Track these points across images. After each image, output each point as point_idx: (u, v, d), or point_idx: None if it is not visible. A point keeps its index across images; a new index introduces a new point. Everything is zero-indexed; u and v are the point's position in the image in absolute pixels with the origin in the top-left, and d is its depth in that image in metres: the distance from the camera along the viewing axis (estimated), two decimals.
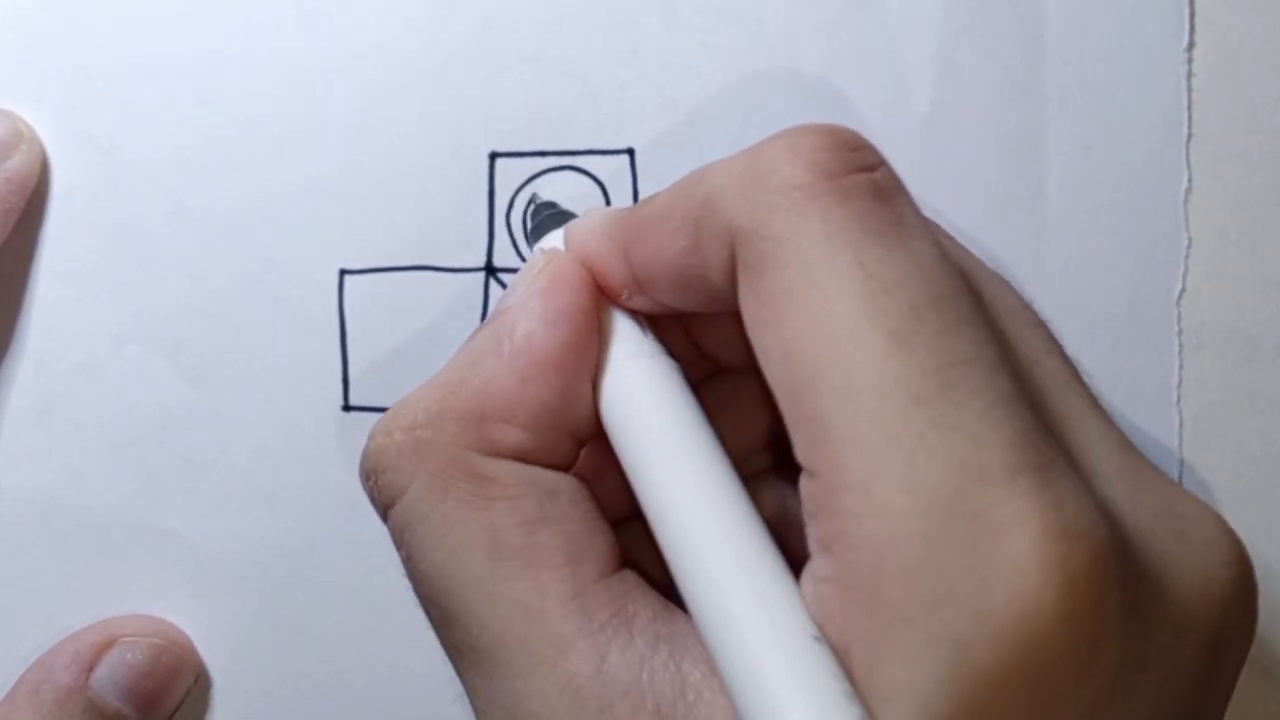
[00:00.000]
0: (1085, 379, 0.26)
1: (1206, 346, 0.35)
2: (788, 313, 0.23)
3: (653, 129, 0.35)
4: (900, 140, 0.35)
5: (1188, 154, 0.35)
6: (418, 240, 0.35)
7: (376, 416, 0.34)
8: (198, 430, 0.35)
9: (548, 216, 0.32)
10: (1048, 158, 0.35)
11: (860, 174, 0.24)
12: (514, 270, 0.35)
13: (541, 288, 0.27)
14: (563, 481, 0.27)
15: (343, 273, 0.35)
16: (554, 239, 0.30)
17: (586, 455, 0.28)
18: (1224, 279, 0.35)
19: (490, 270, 0.35)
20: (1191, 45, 0.35)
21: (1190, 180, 0.35)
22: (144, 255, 0.34)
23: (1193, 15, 0.35)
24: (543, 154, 0.35)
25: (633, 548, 0.27)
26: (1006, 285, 0.27)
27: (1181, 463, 0.35)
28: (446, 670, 0.35)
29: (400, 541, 0.27)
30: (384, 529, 0.35)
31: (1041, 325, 0.26)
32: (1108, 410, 0.26)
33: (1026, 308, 0.26)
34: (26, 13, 0.34)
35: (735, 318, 0.25)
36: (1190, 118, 0.35)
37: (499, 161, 0.35)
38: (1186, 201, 0.35)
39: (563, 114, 0.35)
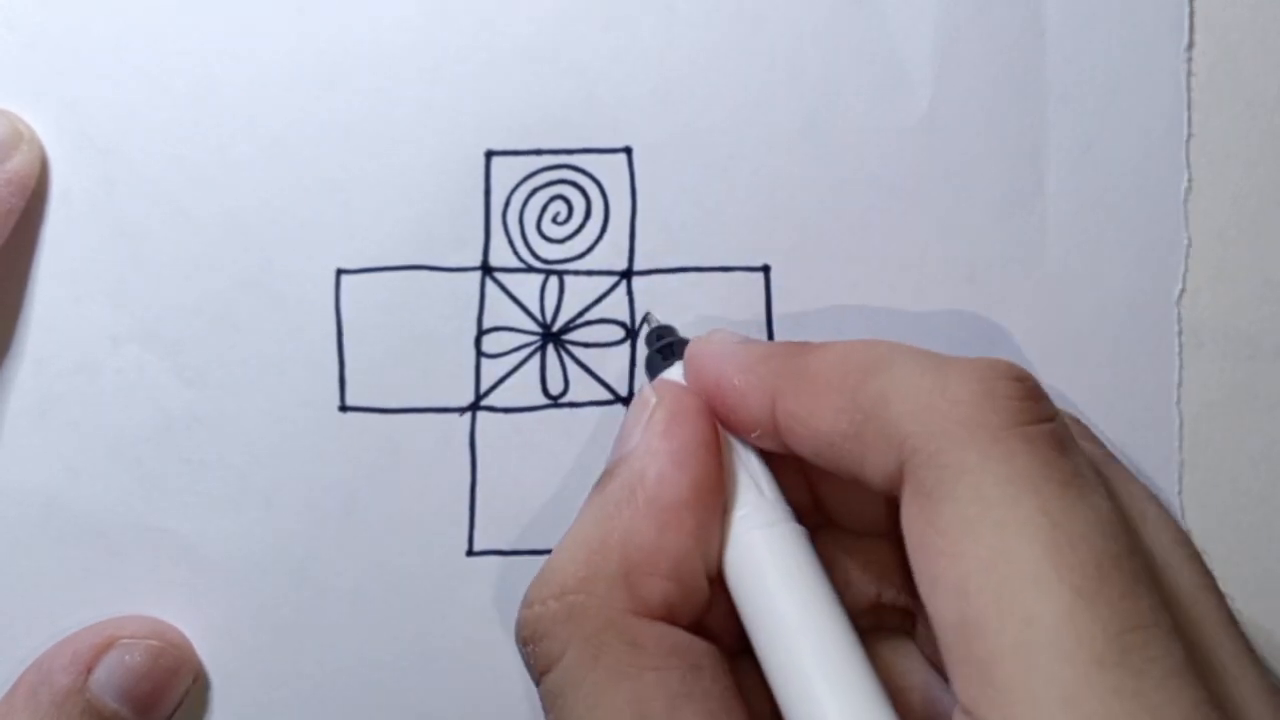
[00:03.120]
0: (1234, 611, 0.26)
1: (1207, 346, 0.35)
2: (965, 547, 0.23)
3: (651, 127, 0.35)
4: (900, 140, 0.35)
5: (1188, 153, 0.35)
6: (414, 239, 0.35)
7: (373, 416, 0.34)
8: (196, 430, 0.35)
9: (668, 345, 0.32)
10: (1048, 158, 0.35)
11: (1045, 423, 0.24)
12: (510, 270, 0.35)
13: (661, 427, 0.28)
14: (706, 656, 0.27)
15: (339, 272, 0.35)
16: (673, 372, 0.31)
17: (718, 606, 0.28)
18: (1224, 278, 0.35)
19: (486, 269, 0.35)
20: (1191, 45, 0.35)
21: (1190, 180, 0.35)
22: (142, 255, 0.34)
23: (1192, 15, 0.35)
24: (539, 152, 0.35)
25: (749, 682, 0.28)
26: (1163, 510, 0.27)
27: (1182, 463, 0.35)
28: (444, 670, 0.35)
29: (550, 707, 0.27)
30: (383, 528, 0.35)
31: (1196, 556, 0.27)
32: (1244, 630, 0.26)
33: (1185, 538, 0.27)
34: (26, 13, 0.34)
35: (859, 483, 0.26)
36: (1190, 117, 0.35)
37: (495, 160, 0.35)
38: (1186, 201, 0.35)
39: (560, 112, 0.35)
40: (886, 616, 0.31)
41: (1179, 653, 0.22)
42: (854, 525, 0.31)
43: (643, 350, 0.35)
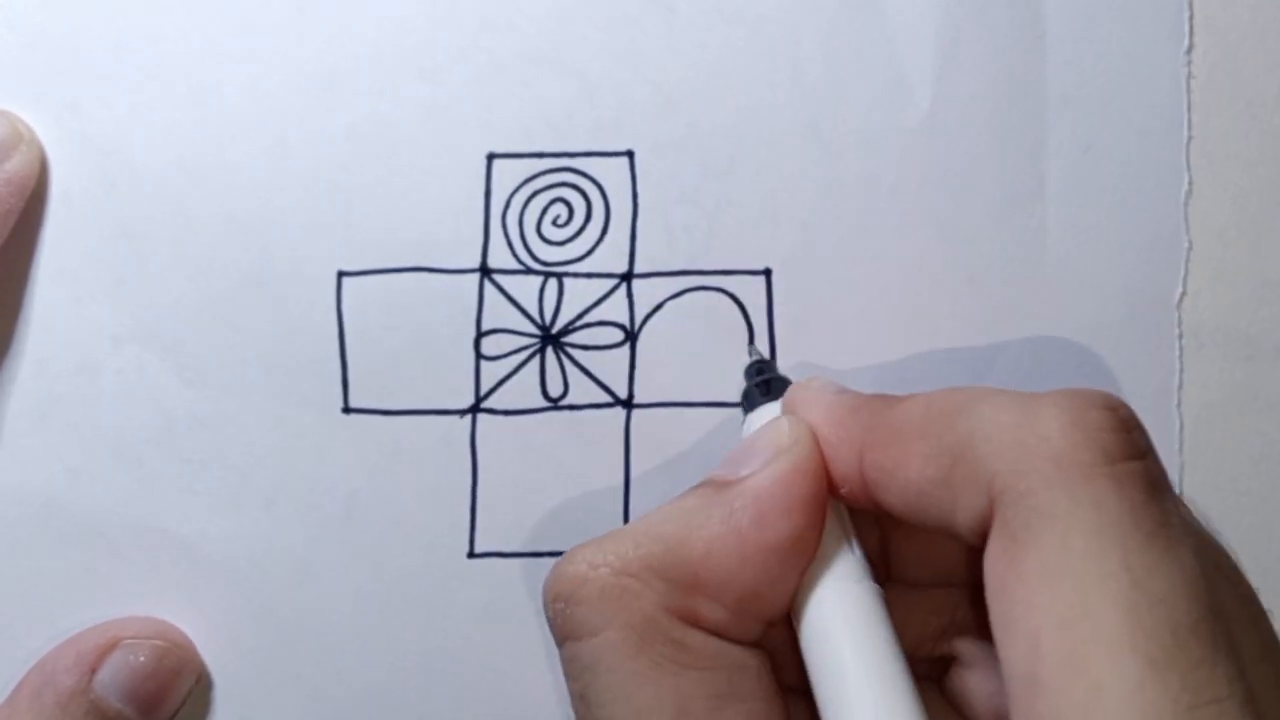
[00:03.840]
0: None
1: (1207, 347, 0.35)
2: (1043, 599, 0.22)
3: (652, 130, 0.35)
4: (900, 140, 0.35)
5: (1188, 155, 0.35)
6: (415, 242, 0.35)
7: (375, 418, 0.34)
8: (196, 431, 0.35)
9: (767, 381, 0.32)
10: (1048, 160, 0.35)
11: (1136, 461, 0.23)
12: (509, 271, 0.35)
13: (784, 472, 0.27)
14: (752, 657, 0.27)
15: (341, 274, 0.35)
16: (770, 409, 0.31)
17: (771, 632, 0.28)
18: (1224, 280, 0.35)
19: (485, 271, 0.35)
20: (1191, 47, 0.35)
21: (1190, 182, 0.35)
22: (143, 256, 0.34)
23: (1192, 17, 0.35)
24: (540, 155, 0.35)
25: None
26: (1236, 566, 0.27)
27: (1182, 464, 0.35)
28: (444, 671, 0.35)
29: (575, 677, 0.27)
30: (384, 530, 0.35)
31: (1264, 615, 0.26)
32: None
33: (1254, 596, 0.26)
34: (26, 13, 0.34)
35: (935, 536, 0.26)
36: (1190, 119, 0.35)
37: (496, 162, 0.35)
38: (1187, 203, 0.35)
39: (562, 114, 0.35)
40: (917, 666, 0.31)
41: None
42: (918, 579, 0.30)
43: (641, 349, 0.35)
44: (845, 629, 0.26)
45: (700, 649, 0.26)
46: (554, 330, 0.35)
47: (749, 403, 0.32)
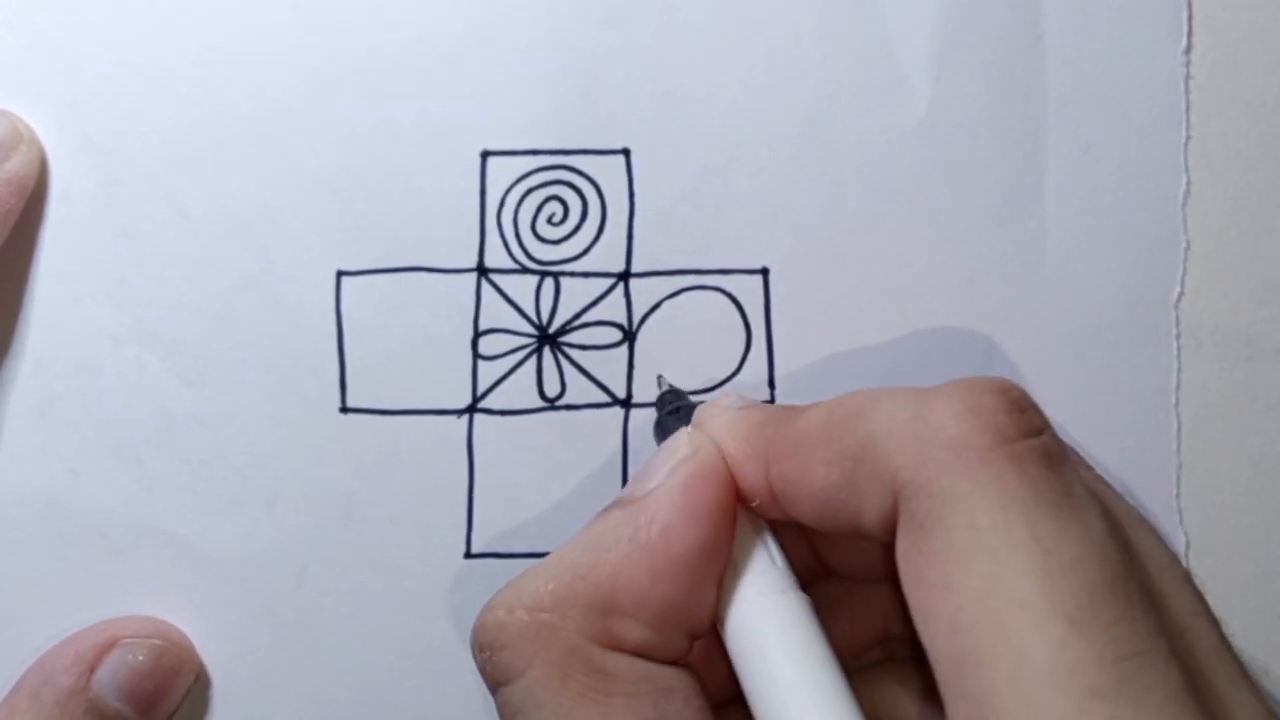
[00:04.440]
0: (1231, 642, 0.26)
1: (1205, 348, 0.35)
2: (957, 578, 0.22)
3: (649, 129, 0.35)
4: (900, 140, 0.35)
5: (1186, 156, 0.35)
6: (412, 240, 0.35)
7: (373, 418, 0.34)
8: (196, 431, 0.35)
9: (677, 410, 0.32)
10: (1046, 160, 0.35)
11: (1032, 438, 0.24)
12: (506, 271, 0.35)
13: (685, 481, 0.27)
14: (679, 679, 0.27)
15: (340, 274, 0.35)
16: (682, 435, 0.30)
17: (698, 647, 0.28)
18: (1222, 280, 0.35)
19: (482, 271, 0.35)
20: (1190, 47, 0.35)
21: (1189, 182, 0.35)
22: (142, 256, 0.34)
23: (1191, 17, 0.35)
24: (535, 153, 0.35)
25: None
26: (1154, 533, 0.27)
27: (1180, 464, 0.35)
28: (442, 671, 0.35)
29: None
30: (382, 530, 0.35)
31: (1189, 580, 0.26)
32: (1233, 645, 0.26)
33: (1175, 561, 0.26)
34: (26, 13, 0.34)
35: (858, 536, 0.26)
36: (1189, 119, 0.35)
37: (491, 160, 0.35)
38: (1185, 204, 0.35)
39: (557, 112, 0.35)
40: (896, 648, 0.31)
41: (1176, 678, 0.22)
42: (856, 575, 0.31)
43: (639, 348, 0.35)
44: (775, 642, 0.26)
45: (624, 674, 0.26)
46: (551, 330, 0.35)
47: (661, 432, 0.32)
